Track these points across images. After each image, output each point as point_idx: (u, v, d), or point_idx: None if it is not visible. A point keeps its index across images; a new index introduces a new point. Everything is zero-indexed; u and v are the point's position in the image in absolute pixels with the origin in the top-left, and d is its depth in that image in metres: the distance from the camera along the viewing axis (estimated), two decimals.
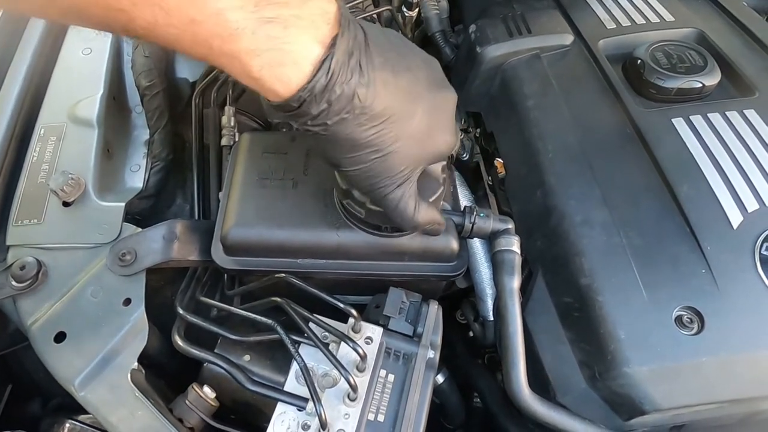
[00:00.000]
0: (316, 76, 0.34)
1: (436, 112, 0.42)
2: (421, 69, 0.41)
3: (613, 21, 0.72)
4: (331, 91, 0.35)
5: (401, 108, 0.39)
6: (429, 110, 0.41)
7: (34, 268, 0.53)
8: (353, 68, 0.36)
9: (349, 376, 0.44)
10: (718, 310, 0.47)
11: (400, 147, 0.40)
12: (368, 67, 0.36)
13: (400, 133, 0.39)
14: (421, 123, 0.40)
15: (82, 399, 0.48)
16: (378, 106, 0.37)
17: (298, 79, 0.34)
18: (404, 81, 0.39)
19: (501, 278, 0.51)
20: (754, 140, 0.56)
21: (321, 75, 0.34)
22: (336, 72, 0.35)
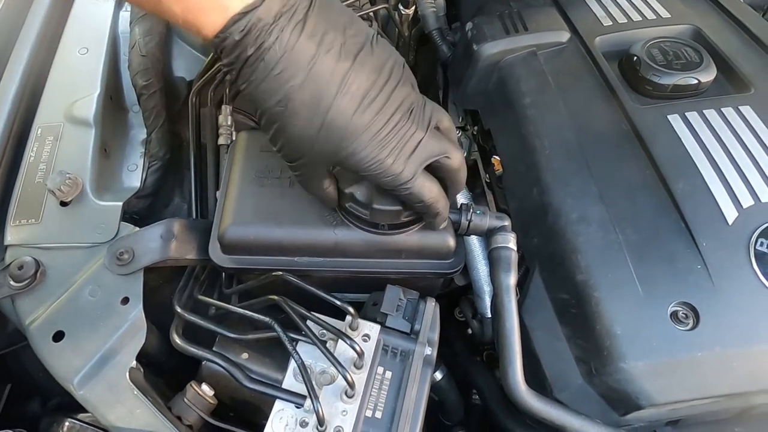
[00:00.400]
0: (231, 28, 0.35)
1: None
2: (366, 65, 0.40)
3: (609, 18, 0.72)
4: (243, 48, 0.36)
5: (315, 87, 0.38)
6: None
7: (32, 267, 0.53)
8: (275, 32, 0.36)
9: (346, 373, 0.44)
10: (714, 306, 0.47)
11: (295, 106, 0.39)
12: (291, 37, 0.36)
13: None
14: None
15: (81, 397, 0.48)
16: (292, 80, 0.37)
17: (215, 25, 0.36)
18: (329, 58, 0.38)
19: (497, 275, 0.52)
20: (749, 136, 0.56)
21: (235, 30, 0.35)
22: (253, 31, 0.35)
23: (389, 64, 0.42)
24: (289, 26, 0.37)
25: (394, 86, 0.41)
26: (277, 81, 0.38)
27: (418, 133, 0.42)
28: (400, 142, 0.41)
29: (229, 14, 0.35)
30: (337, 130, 0.40)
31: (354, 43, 0.40)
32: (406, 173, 0.42)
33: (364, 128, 0.40)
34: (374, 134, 0.40)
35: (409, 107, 0.42)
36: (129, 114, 0.73)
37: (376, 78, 0.40)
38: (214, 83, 0.71)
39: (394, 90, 0.41)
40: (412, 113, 0.42)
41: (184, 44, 0.81)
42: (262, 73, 0.37)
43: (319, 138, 0.40)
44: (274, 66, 0.37)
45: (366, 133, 0.40)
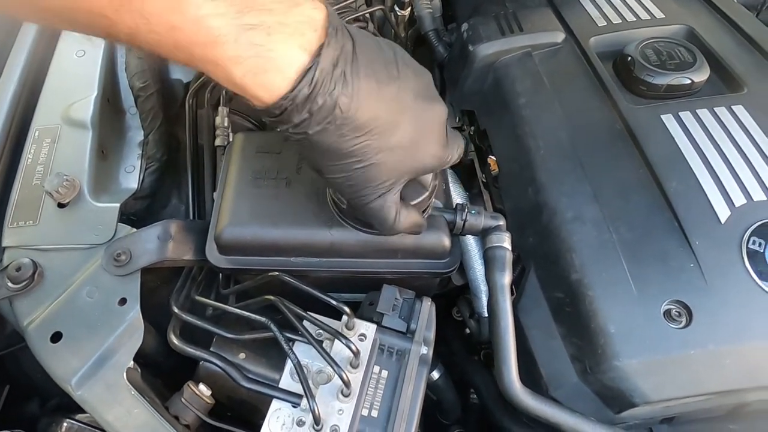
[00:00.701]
0: (299, 85, 0.34)
1: (422, 125, 0.41)
2: (409, 80, 0.40)
3: (603, 18, 0.73)
4: (313, 101, 0.35)
5: (385, 120, 0.38)
6: (415, 122, 0.40)
7: (30, 269, 0.53)
8: (337, 78, 0.35)
9: (342, 372, 0.45)
10: (706, 304, 0.48)
11: (382, 158, 0.39)
12: (353, 78, 0.36)
13: (382, 145, 0.39)
14: (405, 135, 0.40)
15: (79, 398, 0.48)
16: (361, 118, 0.37)
17: (281, 88, 0.34)
18: (389, 92, 0.38)
19: (492, 274, 0.52)
20: (742, 136, 0.56)
21: (304, 84, 0.34)
22: (320, 82, 0.34)
23: (419, 70, 0.43)
24: (347, 69, 0.36)
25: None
26: (354, 121, 0.37)
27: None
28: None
29: (293, 72, 0.34)
30: (407, 146, 0.41)
31: (388, 62, 0.40)
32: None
33: (422, 137, 0.42)
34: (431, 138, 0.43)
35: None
36: (126, 116, 0.73)
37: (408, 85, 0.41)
38: (211, 85, 0.71)
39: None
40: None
41: None
42: (340, 119, 0.36)
43: (395, 158, 0.40)
44: (347, 110, 0.36)
45: (427, 139, 0.43)
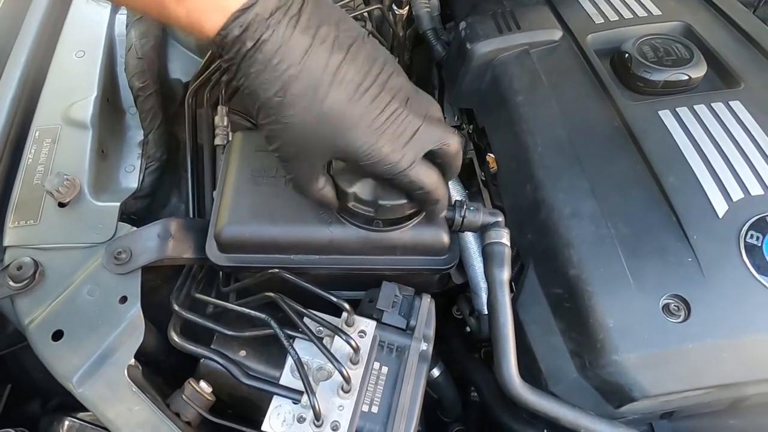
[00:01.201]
0: (231, 24, 0.38)
1: (367, 111, 0.41)
2: (364, 60, 0.42)
3: (600, 16, 0.73)
4: (242, 43, 0.38)
5: (311, 82, 0.40)
6: (356, 104, 0.41)
7: (31, 268, 0.53)
8: (272, 26, 0.38)
9: (342, 368, 0.45)
10: (705, 298, 0.48)
11: (299, 121, 0.40)
12: (287, 29, 0.38)
13: (304, 107, 0.40)
14: (335, 108, 0.41)
15: (80, 395, 0.48)
16: (280, 69, 0.39)
17: (215, 27, 0.38)
18: (323, 57, 0.40)
19: (491, 270, 0.52)
20: (739, 131, 0.56)
21: (236, 25, 0.38)
22: (252, 25, 0.38)
23: (382, 56, 0.43)
24: (284, 20, 0.38)
25: (387, 77, 0.42)
26: (275, 71, 0.39)
27: (415, 121, 0.43)
28: (397, 129, 0.42)
29: (228, 12, 0.38)
30: (333, 119, 0.41)
31: (347, 36, 0.41)
32: (405, 161, 0.43)
33: (360, 117, 0.41)
34: (371, 122, 0.41)
35: (405, 97, 0.43)
36: (126, 116, 0.74)
37: (370, 68, 0.42)
38: (210, 84, 0.72)
39: (388, 80, 0.42)
40: (407, 102, 0.43)
41: (180, 46, 0.82)
42: (260, 65, 0.39)
43: (316, 128, 0.41)
44: (271, 57, 0.39)
45: (362, 121, 0.41)
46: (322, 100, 0.40)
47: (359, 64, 0.41)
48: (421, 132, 0.43)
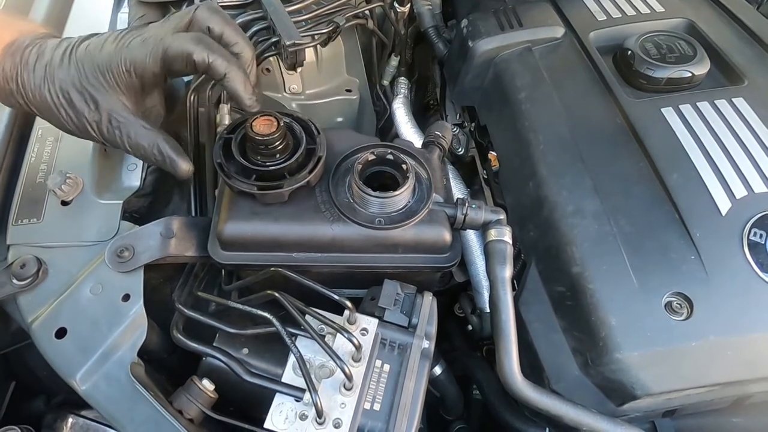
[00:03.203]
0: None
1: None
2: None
3: (603, 13, 0.73)
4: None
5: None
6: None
7: (34, 266, 0.53)
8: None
9: (344, 366, 0.45)
10: (707, 296, 0.48)
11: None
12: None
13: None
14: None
15: (84, 393, 0.49)
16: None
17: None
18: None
19: (493, 268, 0.52)
20: (742, 128, 0.56)
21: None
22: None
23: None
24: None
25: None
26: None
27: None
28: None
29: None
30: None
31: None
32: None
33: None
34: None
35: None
36: None
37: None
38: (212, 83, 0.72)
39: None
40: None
41: None
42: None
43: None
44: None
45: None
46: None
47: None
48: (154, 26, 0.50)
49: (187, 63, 0.48)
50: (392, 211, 0.53)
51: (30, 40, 0.49)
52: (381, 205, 0.53)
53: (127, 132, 0.49)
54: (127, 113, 0.49)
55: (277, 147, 0.53)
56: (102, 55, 0.48)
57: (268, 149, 0.52)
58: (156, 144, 0.50)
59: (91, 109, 0.49)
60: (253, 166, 0.53)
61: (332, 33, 0.72)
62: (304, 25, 0.70)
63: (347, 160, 0.57)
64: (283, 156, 0.54)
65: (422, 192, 0.55)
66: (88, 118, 0.49)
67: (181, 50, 0.47)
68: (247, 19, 0.67)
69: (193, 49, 0.47)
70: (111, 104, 0.49)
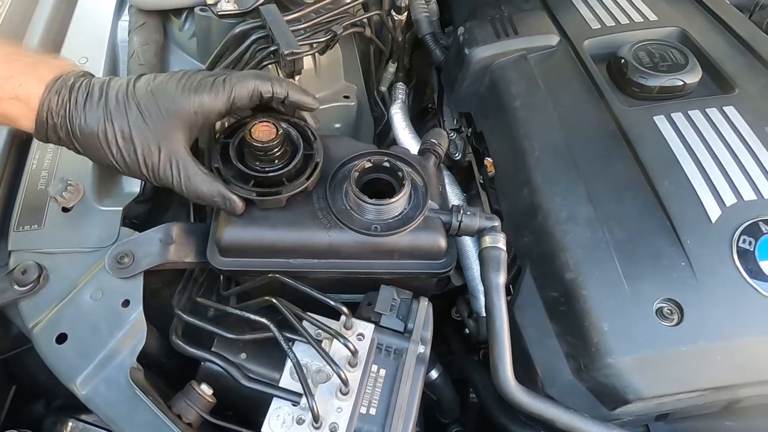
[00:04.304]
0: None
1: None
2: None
3: (597, 21, 0.74)
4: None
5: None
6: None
7: (35, 272, 0.54)
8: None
9: (340, 371, 0.46)
10: (697, 302, 0.48)
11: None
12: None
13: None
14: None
15: (84, 397, 0.49)
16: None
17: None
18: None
19: (487, 274, 0.53)
20: (732, 136, 0.57)
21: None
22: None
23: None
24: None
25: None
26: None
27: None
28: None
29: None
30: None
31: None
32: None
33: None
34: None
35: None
36: None
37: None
38: None
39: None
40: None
41: (181, 52, 0.83)
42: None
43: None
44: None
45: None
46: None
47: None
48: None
49: (253, 97, 0.52)
50: (388, 218, 0.54)
51: (74, 78, 0.49)
52: (377, 212, 0.54)
53: (186, 175, 0.51)
54: (188, 157, 0.51)
55: (276, 153, 0.53)
56: (167, 96, 0.50)
57: (267, 156, 0.53)
58: (217, 189, 0.52)
59: (152, 150, 0.49)
60: (251, 171, 0.53)
61: (330, 41, 0.73)
62: (303, 34, 0.71)
63: (344, 168, 0.58)
64: (282, 162, 0.54)
65: (418, 199, 0.56)
66: (146, 159, 0.49)
67: (247, 87, 0.52)
68: (246, 28, 0.68)
69: (257, 83, 0.52)
70: (175, 147, 0.50)
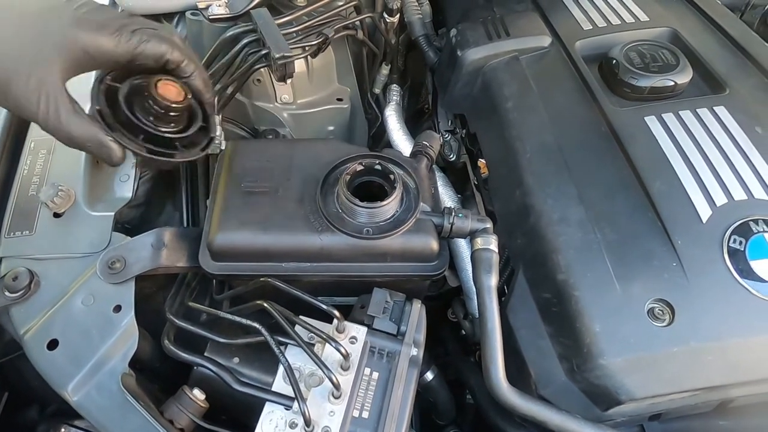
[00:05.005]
0: None
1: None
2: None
3: (589, 22, 0.74)
4: None
5: None
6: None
7: (26, 278, 0.54)
8: None
9: (331, 374, 0.46)
10: (689, 302, 0.48)
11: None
12: None
13: None
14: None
15: (76, 404, 0.49)
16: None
17: None
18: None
19: (479, 276, 0.53)
20: (723, 136, 0.57)
21: None
22: None
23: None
24: None
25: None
26: None
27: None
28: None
29: None
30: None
31: None
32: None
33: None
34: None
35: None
36: None
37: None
38: None
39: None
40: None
41: None
42: None
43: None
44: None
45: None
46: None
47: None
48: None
49: (158, 61, 0.48)
50: (380, 221, 0.54)
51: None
52: (369, 215, 0.54)
53: (57, 112, 0.45)
54: (64, 92, 0.45)
55: (175, 116, 0.52)
56: (59, 22, 0.43)
57: (167, 115, 0.51)
58: (93, 133, 0.46)
59: (20, 75, 0.42)
60: (144, 125, 0.51)
61: (322, 44, 0.73)
62: (294, 37, 0.71)
63: (336, 171, 0.58)
64: (177, 127, 0.53)
65: (410, 201, 0.56)
66: (11, 83, 0.43)
67: (157, 50, 0.48)
68: (237, 32, 0.68)
69: (169, 51, 0.48)
70: (51, 79, 0.44)
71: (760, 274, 0.49)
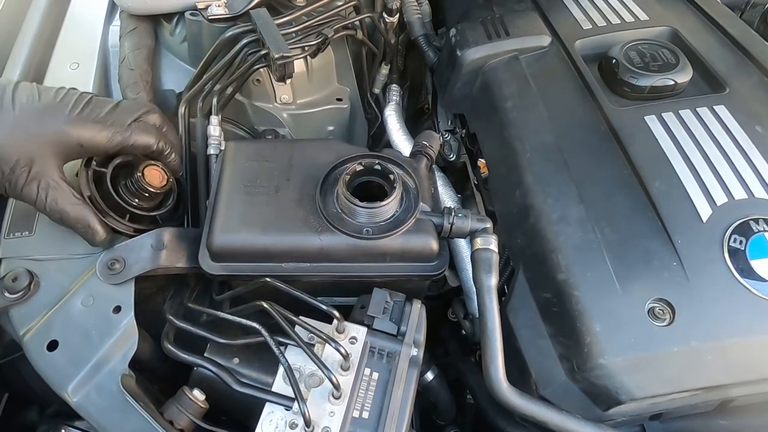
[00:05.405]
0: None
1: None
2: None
3: (589, 21, 0.74)
4: None
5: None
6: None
7: (26, 279, 0.54)
8: None
9: (331, 375, 0.46)
10: (689, 302, 0.48)
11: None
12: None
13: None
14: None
15: (75, 405, 0.49)
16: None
17: None
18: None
19: (479, 276, 0.53)
20: (723, 136, 0.57)
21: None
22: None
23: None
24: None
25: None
26: None
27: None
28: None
29: None
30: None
31: None
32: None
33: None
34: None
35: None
36: None
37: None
38: (203, 94, 0.73)
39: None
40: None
41: (172, 57, 0.83)
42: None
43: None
44: None
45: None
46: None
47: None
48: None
49: (146, 151, 0.56)
50: (380, 221, 0.54)
51: None
52: (368, 215, 0.54)
53: (53, 197, 0.51)
54: (60, 180, 0.51)
55: (158, 195, 0.60)
56: (54, 119, 0.50)
57: (152, 198, 0.60)
58: (83, 216, 0.53)
59: (19, 166, 0.49)
60: (129, 207, 0.58)
61: (321, 44, 0.73)
62: (294, 37, 0.71)
63: (335, 171, 0.58)
64: (157, 202, 0.61)
65: (409, 201, 0.56)
66: (11, 173, 0.49)
67: (147, 141, 0.55)
68: (237, 32, 0.68)
69: (154, 142, 0.56)
70: (47, 170, 0.50)
71: (760, 274, 0.49)
